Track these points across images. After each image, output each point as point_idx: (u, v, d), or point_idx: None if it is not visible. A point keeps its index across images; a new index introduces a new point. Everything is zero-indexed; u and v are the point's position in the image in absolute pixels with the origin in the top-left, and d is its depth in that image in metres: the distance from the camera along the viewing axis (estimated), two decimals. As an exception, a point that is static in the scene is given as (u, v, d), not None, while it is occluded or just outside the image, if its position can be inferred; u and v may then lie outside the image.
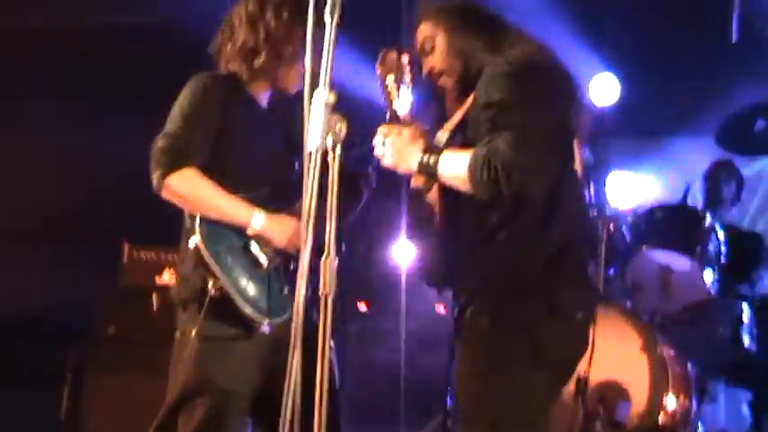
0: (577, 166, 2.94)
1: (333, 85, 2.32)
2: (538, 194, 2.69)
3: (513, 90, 2.72)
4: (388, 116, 2.93)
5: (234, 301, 3.05)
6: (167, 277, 5.28)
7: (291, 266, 3.21)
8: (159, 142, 3.15)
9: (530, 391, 2.76)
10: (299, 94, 3.34)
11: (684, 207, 5.18)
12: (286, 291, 3.17)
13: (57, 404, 5.35)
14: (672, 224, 4.95)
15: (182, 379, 3.13)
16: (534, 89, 2.74)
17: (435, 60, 3.00)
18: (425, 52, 3.03)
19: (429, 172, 2.81)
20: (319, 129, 2.31)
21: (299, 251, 3.08)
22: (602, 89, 5.81)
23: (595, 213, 4.80)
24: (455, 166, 2.74)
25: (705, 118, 5.64)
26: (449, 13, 3.00)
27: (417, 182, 2.93)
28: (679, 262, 4.83)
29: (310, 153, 2.31)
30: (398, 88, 2.90)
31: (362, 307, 6.61)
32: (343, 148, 3.32)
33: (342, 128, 2.31)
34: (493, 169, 2.60)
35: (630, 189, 5.82)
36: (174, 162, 3.10)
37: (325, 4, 2.31)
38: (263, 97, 3.41)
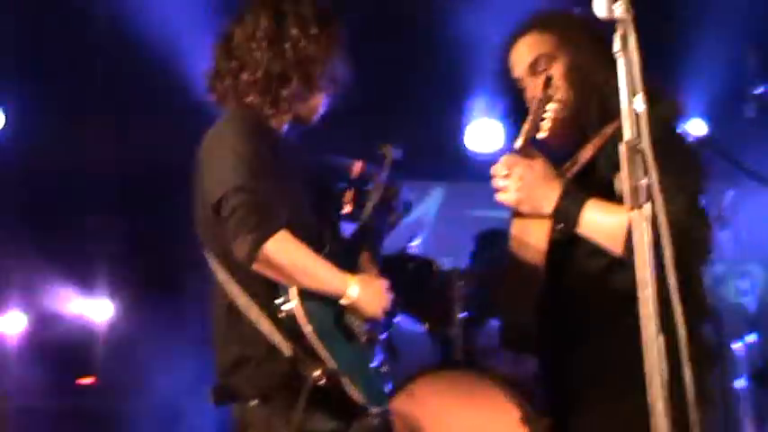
0: None
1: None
2: None
3: (682, 144, 2.47)
4: (518, 145, 2.49)
5: (344, 390, 2.48)
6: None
7: (379, 336, 2.70)
8: (234, 199, 2.45)
9: None
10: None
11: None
12: (385, 368, 2.66)
13: None
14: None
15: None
16: (696, 154, 2.52)
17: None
18: (536, 70, 2.62)
19: (567, 219, 2.43)
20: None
21: (384, 318, 2.65)
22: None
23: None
24: (606, 222, 2.39)
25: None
26: (579, 30, 2.61)
27: (529, 226, 2.54)
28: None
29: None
30: (552, 121, 2.51)
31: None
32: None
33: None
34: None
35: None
36: (268, 224, 2.44)
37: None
38: (283, 132, 2.80)
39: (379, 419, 2.57)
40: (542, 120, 2.50)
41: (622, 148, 2.00)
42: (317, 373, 2.44)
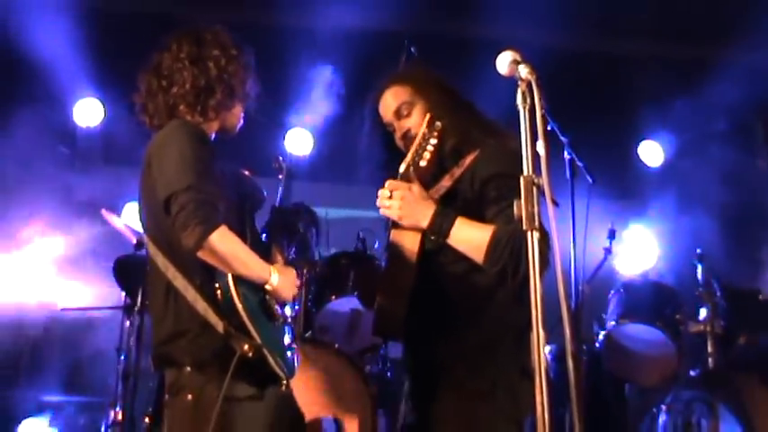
0: None
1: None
2: None
3: None
4: (401, 171, 3.05)
5: (266, 362, 2.93)
6: None
7: (289, 316, 3.17)
8: (184, 197, 2.86)
9: None
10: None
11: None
12: (294, 345, 3.12)
13: None
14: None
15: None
16: None
17: (413, 124, 3.20)
18: (401, 115, 3.23)
19: (440, 232, 3.02)
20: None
21: (294, 301, 3.15)
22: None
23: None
24: (472, 235, 2.99)
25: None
26: (429, 83, 3.25)
27: (405, 237, 3.09)
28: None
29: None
30: (430, 153, 3.06)
31: None
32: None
33: None
34: (516, 251, 2.85)
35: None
36: (213, 219, 2.86)
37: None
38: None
39: (288, 388, 3.05)
40: (425, 151, 3.07)
41: (522, 181, 2.59)
42: (246, 347, 2.88)
